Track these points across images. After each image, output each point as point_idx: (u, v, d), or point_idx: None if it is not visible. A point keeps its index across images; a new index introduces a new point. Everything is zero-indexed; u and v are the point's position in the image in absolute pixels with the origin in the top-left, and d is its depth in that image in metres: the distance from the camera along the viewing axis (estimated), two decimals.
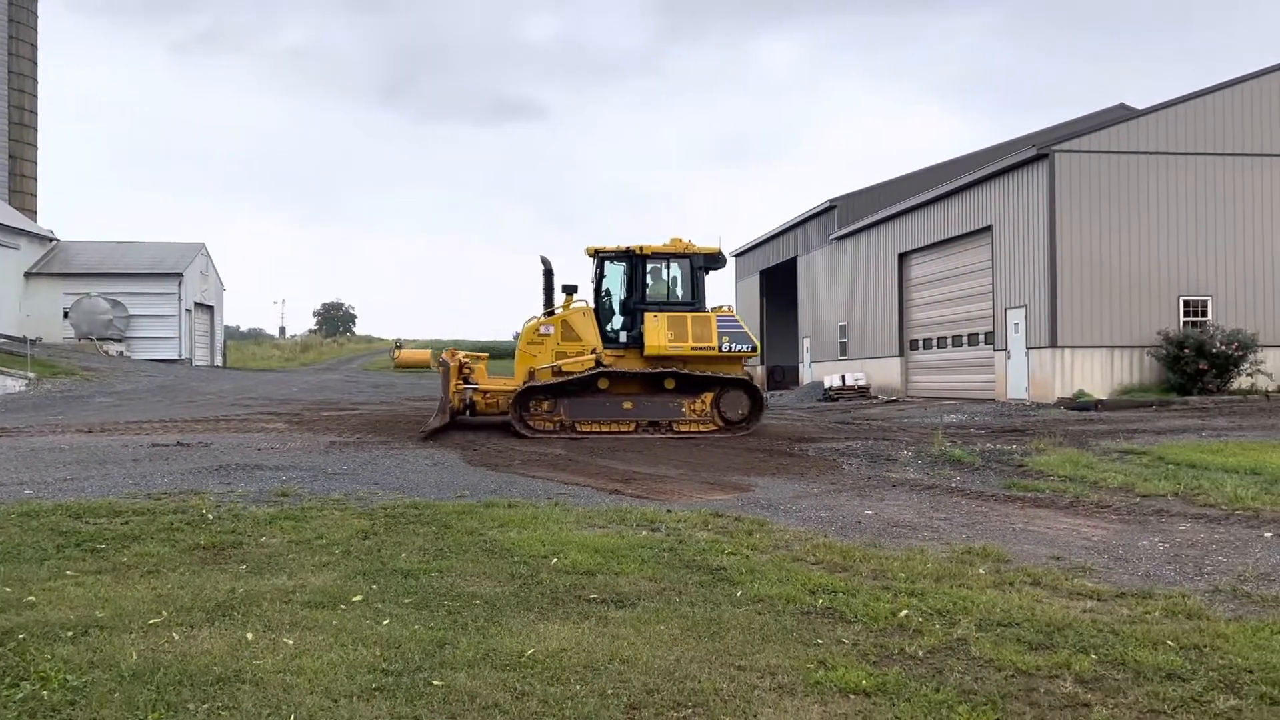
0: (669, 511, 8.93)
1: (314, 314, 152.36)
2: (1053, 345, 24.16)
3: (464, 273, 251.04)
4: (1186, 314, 24.38)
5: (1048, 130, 32.37)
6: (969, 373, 28.78)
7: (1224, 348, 22.75)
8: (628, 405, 16.16)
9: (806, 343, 42.64)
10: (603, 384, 16.23)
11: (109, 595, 5.85)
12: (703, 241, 16.99)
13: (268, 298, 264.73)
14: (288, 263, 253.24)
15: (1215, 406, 21.03)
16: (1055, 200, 24.12)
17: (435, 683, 4.42)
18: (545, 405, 16.05)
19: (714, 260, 16.95)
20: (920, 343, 32.33)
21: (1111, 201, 24.30)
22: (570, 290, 16.78)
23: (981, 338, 28.17)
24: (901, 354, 32.92)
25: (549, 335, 16.39)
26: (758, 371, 47.93)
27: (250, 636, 5.05)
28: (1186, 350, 22.97)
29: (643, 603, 5.79)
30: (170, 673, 4.50)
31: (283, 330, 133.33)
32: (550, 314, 16.75)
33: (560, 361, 16.21)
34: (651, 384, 16.40)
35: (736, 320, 16.66)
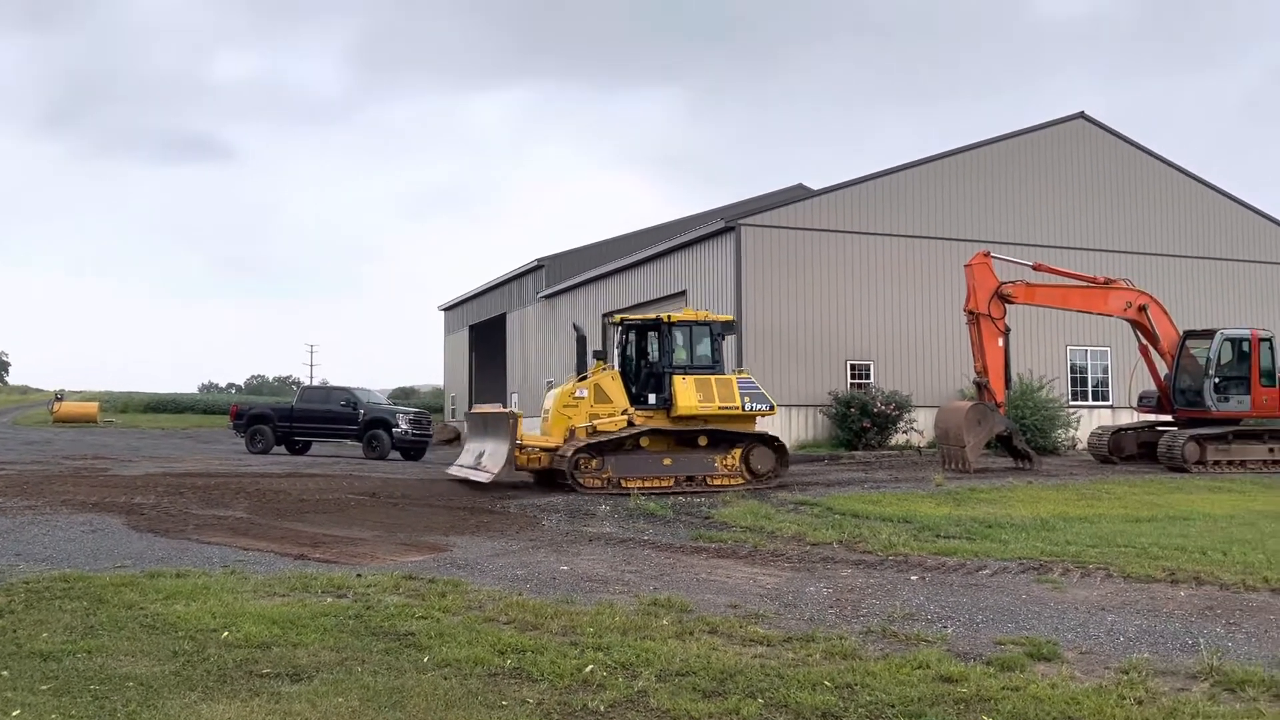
0: (359, 576, 8.58)
1: None
2: None
3: (136, 320, 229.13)
4: (853, 376, 26.94)
5: (736, 204, 34.90)
6: None
7: (884, 408, 25.29)
8: (667, 461, 16.93)
9: (515, 398, 42.86)
10: (644, 442, 17.01)
11: None
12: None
13: None
14: None
15: (877, 460, 23.28)
16: (741, 269, 25.97)
17: None
18: (594, 463, 16.50)
19: (729, 327, 18.53)
20: None
21: (790, 271, 26.51)
22: (600, 356, 18.11)
23: None
24: None
25: (583, 398, 17.23)
26: (463, 427, 47.53)
27: None
28: (853, 409, 25.32)
29: (321, 674, 5.50)
30: None
31: None
32: (583, 379, 17.60)
33: (595, 422, 16.97)
34: (684, 441, 17.24)
35: (753, 382, 17.98)
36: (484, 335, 47.70)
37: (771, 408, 17.87)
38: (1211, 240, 31.34)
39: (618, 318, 18.65)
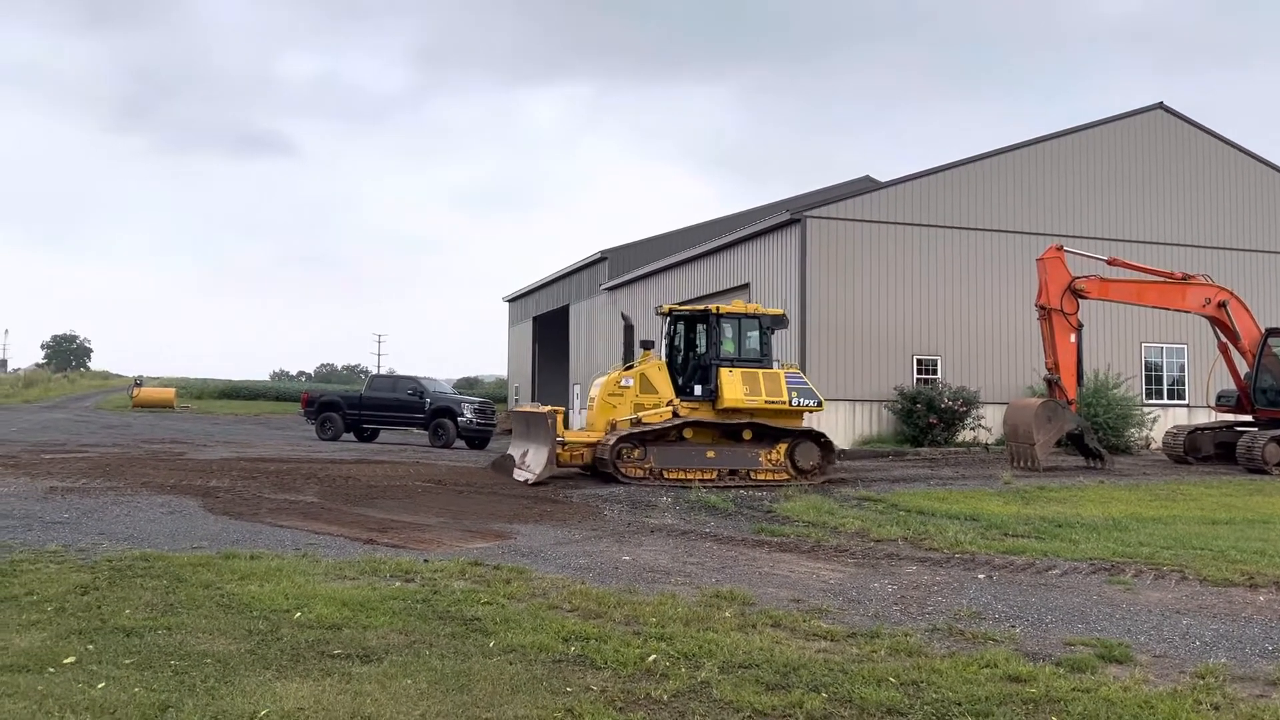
0: (426, 561, 8.73)
1: (43, 346, 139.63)
2: None
3: (208, 309, 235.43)
4: (919, 371, 26.57)
5: (800, 196, 34.63)
6: None
7: (951, 404, 24.91)
8: (711, 454, 16.78)
9: (577, 389, 43.11)
10: (688, 434, 16.88)
11: None
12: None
13: None
14: (13, 291, 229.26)
15: (943, 457, 22.95)
16: (805, 262, 25.76)
17: None
18: (636, 453, 16.45)
19: (779, 321, 18.08)
20: None
21: (856, 265, 26.23)
22: (647, 346, 17.73)
23: None
24: None
25: (629, 388, 17.18)
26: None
27: None
28: (919, 405, 24.98)
29: (390, 656, 5.61)
30: None
31: (4, 363, 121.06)
32: (629, 368, 17.48)
33: (639, 413, 16.94)
34: (728, 434, 17.03)
35: (802, 377, 17.90)
36: (547, 326, 48.03)
37: (820, 404, 17.56)
38: None
39: (666, 308, 18.45)
